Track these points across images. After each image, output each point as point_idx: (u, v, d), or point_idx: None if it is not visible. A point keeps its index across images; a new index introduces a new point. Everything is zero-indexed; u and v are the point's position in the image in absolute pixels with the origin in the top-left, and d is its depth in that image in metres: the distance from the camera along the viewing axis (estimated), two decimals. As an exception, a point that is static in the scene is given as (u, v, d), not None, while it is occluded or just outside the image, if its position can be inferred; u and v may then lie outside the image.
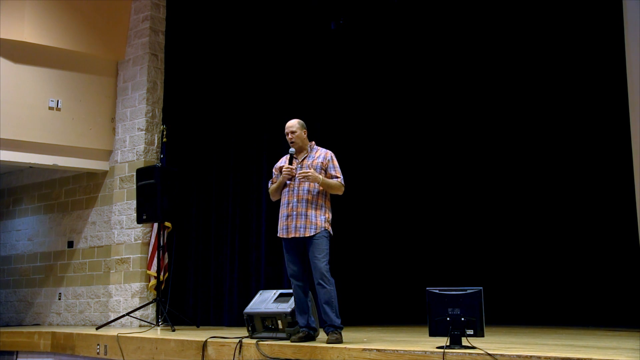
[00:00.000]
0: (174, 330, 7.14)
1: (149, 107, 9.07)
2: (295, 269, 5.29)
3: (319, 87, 8.37)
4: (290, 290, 5.77)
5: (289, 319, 5.50)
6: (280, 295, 5.85)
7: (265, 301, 5.83)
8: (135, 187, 8.30)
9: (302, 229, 5.21)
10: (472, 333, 4.27)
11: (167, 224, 8.43)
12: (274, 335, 5.55)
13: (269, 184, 5.56)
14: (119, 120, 9.38)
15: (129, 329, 7.52)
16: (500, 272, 8.60)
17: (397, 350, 4.37)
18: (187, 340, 5.86)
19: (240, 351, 5.31)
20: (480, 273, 8.29)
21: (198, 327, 7.96)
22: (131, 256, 8.86)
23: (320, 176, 5.24)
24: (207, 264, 8.67)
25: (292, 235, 5.25)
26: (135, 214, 8.34)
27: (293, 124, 5.44)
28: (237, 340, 5.40)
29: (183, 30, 9.24)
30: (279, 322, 5.57)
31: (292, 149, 5.38)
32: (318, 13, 8.47)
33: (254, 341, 5.30)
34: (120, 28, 9.42)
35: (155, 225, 8.40)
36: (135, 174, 8.35)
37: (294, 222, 5.24)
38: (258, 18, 8.68)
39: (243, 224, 8.44)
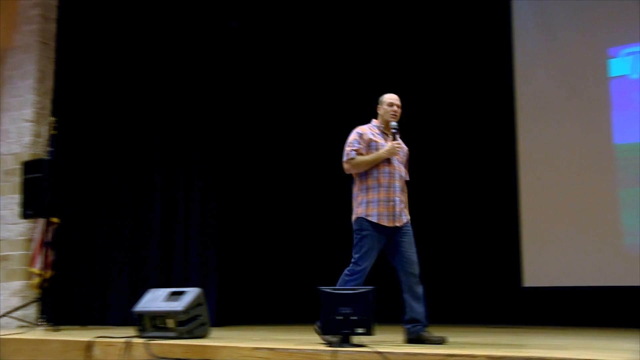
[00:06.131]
0: (57, 330, 6.87)
1: (37, 97, 8.69)
2: (371, 263, 4.80)
3: (228, 84, 8.33)
4: (182, 289, 5.71)
5: (182, 317, 5.40)
6: (172, 294, 5.74)
7: (155, 300, 5.71)
8: (21, 180, 7.96)
9: (404, 217, 4.86)
10: (362, 332, 4.35)
11: (54, 219, 8.12)
12: (163, 334, 5.43)
13: (353, 154, 4.84)
14: (5, 110, 8.90)
15: (8, 330, 7.16)
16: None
17: (288, 349, 4.38)
18: (71, 341, 5.63)
19: (128, 351, 5.17)
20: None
21: (84, 326, 7.70)
22: (13, 253, 8.46)
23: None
24: (96, 262, 8.42)
25: (394, 224, 4.78)
26: (20, 209, 7.99)
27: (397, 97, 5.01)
28: (125, 339, 5.25)
29: (77, 19, 8.89)
30: (169, 321, 5.46)
31: (394, 123, 4.92)
32: (217, 11, 8.45)
33: (142, 340, 5.17)
34: (7, 13, 8.94)
35: (41, 220, 8.07)
36: (21, 166, 8.00)
37: (395, 209, 4.78)
38: (158, 8, 8.54)
39: (134, 221, 8.28)
